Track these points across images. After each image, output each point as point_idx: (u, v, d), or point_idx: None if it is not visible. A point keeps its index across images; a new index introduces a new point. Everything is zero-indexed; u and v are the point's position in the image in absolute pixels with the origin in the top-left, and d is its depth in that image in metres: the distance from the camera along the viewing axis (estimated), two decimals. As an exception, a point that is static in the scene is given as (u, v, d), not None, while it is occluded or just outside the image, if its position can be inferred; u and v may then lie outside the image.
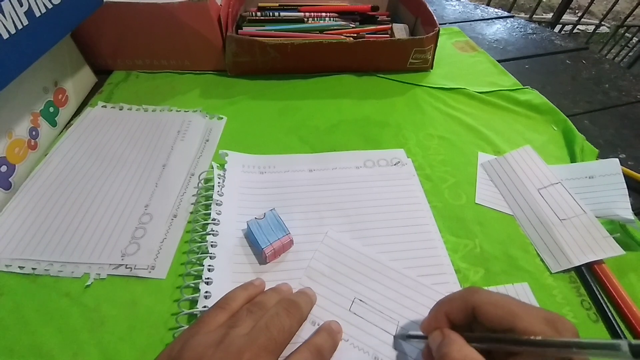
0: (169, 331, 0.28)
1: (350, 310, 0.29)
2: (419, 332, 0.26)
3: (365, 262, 0.32)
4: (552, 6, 2.38)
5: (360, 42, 0.53)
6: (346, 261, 0.32)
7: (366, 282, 0.31)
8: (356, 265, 0.32)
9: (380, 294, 0.30)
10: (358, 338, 0.28)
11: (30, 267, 0.31)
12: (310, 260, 0.32)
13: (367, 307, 0.29)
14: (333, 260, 0.32)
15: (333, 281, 0.31)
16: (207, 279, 0.30)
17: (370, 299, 0.30)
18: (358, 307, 0.29)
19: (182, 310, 0.29)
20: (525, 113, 0.52)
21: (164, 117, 0.47)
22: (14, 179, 0.37)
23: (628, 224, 0.36)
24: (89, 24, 0.44)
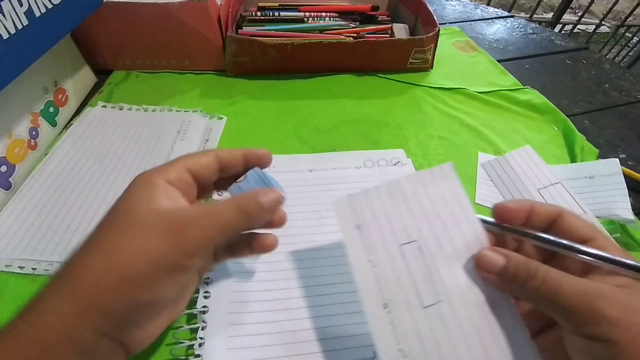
0: (168, 331, 0.28)
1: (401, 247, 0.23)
2: (490, 218, 0.23)
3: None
4: (552, 6, 2.38)
5: (360, 42, 0.53)
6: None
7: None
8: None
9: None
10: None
11: (30, 267, 0.31)
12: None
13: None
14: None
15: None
16: (206, 278, 0.30)
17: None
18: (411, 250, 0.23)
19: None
20: (525, 113, 0.52)
21: (164, 117, 0.47)
22: (14, 179, 0.37)
23: (628, 224, 0.36)
24: (89, 24, 0.44)
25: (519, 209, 0.22)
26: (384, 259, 0.23)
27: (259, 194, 0.22)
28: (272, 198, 0.23)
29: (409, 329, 0.21)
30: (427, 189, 0.24)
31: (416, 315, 0.21)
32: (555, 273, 0.19)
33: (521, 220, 0.22)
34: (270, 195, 0.23)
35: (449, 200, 0.24)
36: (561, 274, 0.19)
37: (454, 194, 0.24)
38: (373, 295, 0.22)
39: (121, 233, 0.20)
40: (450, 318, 0.21)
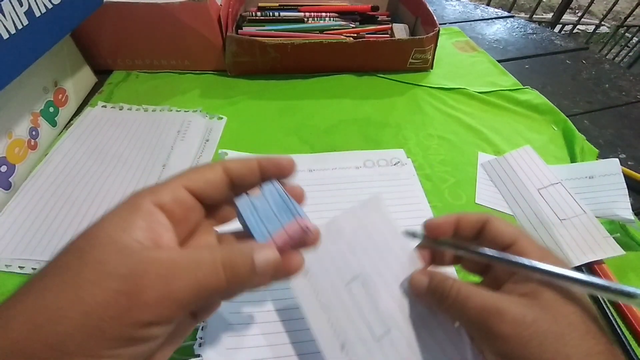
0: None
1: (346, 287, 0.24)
2: (418, 230, 0.25)
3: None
4: (552, 6, 2.38)
5: (360, 42, 0.53)
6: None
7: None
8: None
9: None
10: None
11: (30, 267, 0.31)
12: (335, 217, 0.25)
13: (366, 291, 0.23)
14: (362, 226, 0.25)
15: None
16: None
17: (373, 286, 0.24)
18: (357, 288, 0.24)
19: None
20: (525, 113, 0.52)
21: (164, 117, 0.47)
22: (14, 179, 0.37)
23: (628, 224, 0.36)
24: (89, 24, 0.44)
25: (445, 222, 0.23)
26: (334, 302, 0.23)
27: (256, 250, 0.17)
28: (271, 259, 0.17)
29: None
30: (361, 222, 0.25)
31: (372, 349, 0.22)
32: (466, 290, 0.20)
33: (449, 233, 0.23)
34: (270, 255, 0.17)
35: (382, 230, 0.25)
36: (471, 290, 0.20)
37: (385, 223, 0.25)
38: (330, 340, 0.22)
39: (65, 269, 0.15)
40: (402, 342, 0.22)
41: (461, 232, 0.23)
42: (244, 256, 0.17)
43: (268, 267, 0.17)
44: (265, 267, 0.17)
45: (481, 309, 0.19)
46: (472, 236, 0.23)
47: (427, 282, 0.22)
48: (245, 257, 0.17)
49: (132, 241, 0.15)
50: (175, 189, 0.18)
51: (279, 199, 0.20)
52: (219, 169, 0.19)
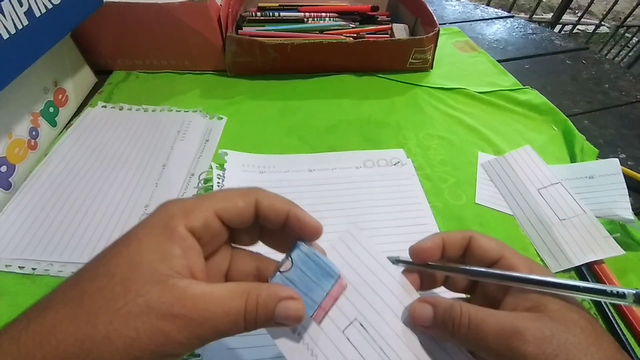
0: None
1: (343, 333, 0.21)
2: (402, 256, 0.24)
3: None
4: (552, 6, 2.38)
5: (360, 42, 0.53)
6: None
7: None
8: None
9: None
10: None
11: (30, 267, 0.31)
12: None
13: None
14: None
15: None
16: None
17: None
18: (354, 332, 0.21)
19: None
20: (525, 113, 0.52)
21: (164, 117, 0.47)
22: (14, 179, 0.37)
23: (628, 224, 0.36)
24: (89, 24, 0.44)
25: (432, 246, 0.22)
26: (333, 353, 0.20)
27: (281, 296, 0.18)
28: (293, 311, 0.18)
29: None
30: (344, 259, 0.22)
31: None
32: (478, 314, 0.19)
33: (437, 256, 0.22)
34: (293, 307, 0.18)
35: (367, 263, 0.23)
36: (483, 313, 0.19)
37: (369, 255, 0.23)
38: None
39: (111, 296, 0.15)
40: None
41: (447, 252, 0.22)
42: (267, 309, 0.17)
43: (288, 319, 0.18)
44: (285, 319, 0.18)
45: (499, 333, 0.18)
46: (459, 255, 0.23)
47: (432, 312, 0.20)
48: (269, 311, 0.17)
49: (171, 272, 0.16)
50: (207, 215, 0.18)
51: (314, 266, 0.20)
52: (252, 201, 0.19)
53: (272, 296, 0.17)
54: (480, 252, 0.22)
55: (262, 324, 0.17)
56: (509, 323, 0.18)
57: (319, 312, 0.20)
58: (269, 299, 0.17)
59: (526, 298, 0.19)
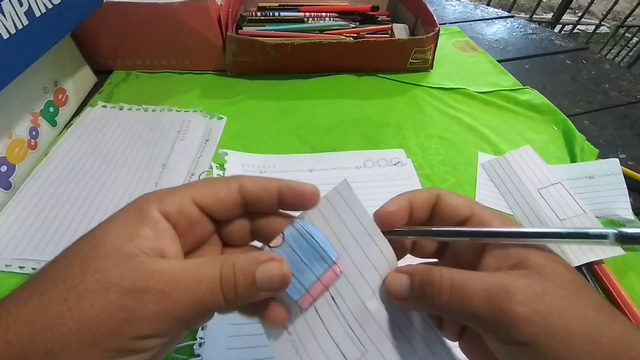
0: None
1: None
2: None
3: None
4: (552, 6, 2.38)
5: (360, 42, 0.53)
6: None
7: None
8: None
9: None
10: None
11: (30, 267, 0.32)
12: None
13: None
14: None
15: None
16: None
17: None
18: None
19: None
20: (525, 113, 0.53)
21: (164, 117, 0.47)
22: (14, 179, 0.37)
23: (628, 224, 0.36)
24: (89, 24, 0.44)
25: (398, 209, 0.20)
26: (299, 323, 0.19)
27: (260, 266, 0.16)
28: (275, 274, 0.16)
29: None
30: (329, 222, 0.20)
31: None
32: (460, 276, 0.17)
33: (404, 219, 0.20)
34: (273, 269, 0.16)
35: (353, 228, 0.20)
36: (467, 275, 0.17)
37: (357, 218, 0.20)
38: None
39: (67, 275, 0.15)
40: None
41: (415, 214, 0.20)
42: (247, 276, 0.16)
43: (272, 283, 0.16)
44: (268, 284, 0.16)
45: (487, 294, 0.16)
46: (428, 215, 0.20)
47: (408, 281, 0.18)
48: (248, 278, 0.16)
49: (137, 251, 0.15)
50: (182, 201, 0.17)
51: (307, 245, 0.18)
52: (234, 188, 0.18)
53: (251, 260, 0.16)
54: (449, 209, 0.20)
55: (244, 293, 0.16)
56: (498, 282, 0.16)
57: (306, 298, 0.18)
58: (248, 263, 0.16)
59: (507, 255, 0.18)
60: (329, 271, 0.18)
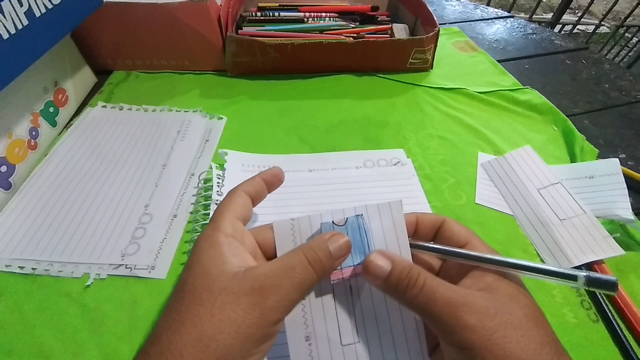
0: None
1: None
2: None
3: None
4: (552, 6, 2.38)
5: (360, 42, 0.53)
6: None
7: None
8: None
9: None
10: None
11: (30, 267, 0.31)
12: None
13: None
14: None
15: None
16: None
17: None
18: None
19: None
20: (525, 113, 0.52)
21: (164, 117, 0.47)
22: (14, 179, 0.37)
23: (628, 224, 0.36)
24: (89, 24, 0.44)
25: (407, 223, 0.23)
26: (315, 292, 0.23)
27: (328, 241, 0.21)
28: (342, 244, 0.21)
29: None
30: (371, 226, 0.23)
31: (335, 352, 0.22)
32: (433, 281, 0.20)
33: (410, 233, 0.24)
34: (340, 241, 0.21)
35: (389, 242, 0.23)
36: (439, 282, 0.20)
37: (397, 237, 0.23)
38: (296, 328, 0.22)
39: (201, 302, 0.18)
40: (364, 356, 0.22)
41: (420, 232, 0.24)
42: (324, 250, 0.20)
43: (342, 252, 0.21)
44: (340, 253, 0.21)
45: (448, 301, 0.19)
46: (430, 236, 0.24)
47: (390, 267, 0.21)
48: (325, 251, 0.20)
49: (235, 267, 0.20)
50: (231, 220, 0.22)
51: (359, 238, 0.22)
52: (244, 195, 0.24)
53: (321, 239, 0.21)
54: (450, 235, 0.23)
55: (327, 264, 0.20)
56: (461, 295, 0.19)
57: (337, 273, 0.22)
58: (321, 242, 0.21)
59: (481, 280, 0.21)
60: (364, 264, 0.22)
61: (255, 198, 0.24)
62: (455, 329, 0.18)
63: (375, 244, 0.23)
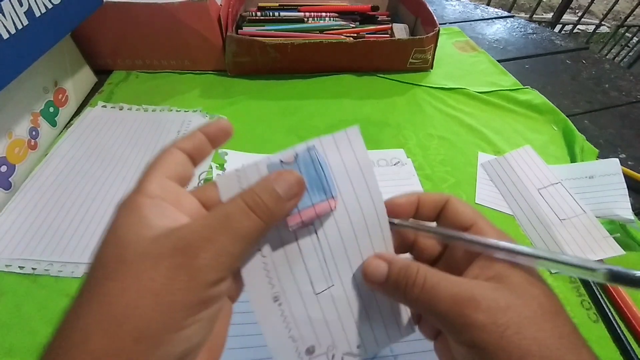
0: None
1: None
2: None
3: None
4: (552, 6, 2.38)
5: (360, 42, 0.53)
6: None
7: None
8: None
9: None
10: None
11: (30, 267, 0.31)
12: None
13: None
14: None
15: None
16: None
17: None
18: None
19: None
20: (525, 113, 0.52)
21: (164, 117, 0.47)
22: (14, 179, 0.37)
23: (628, 224, 0.36)
24: (89, 24, 0.44)
25: (406, 202, 0.22)
26: (275, 245, 0.20)
27: (275, 181, 0.18)
28: (291, 183, 0.18)
29: (300, 316, 0.20)
30: (330, 164, 0.20)
31: (308, 303, 0.20)
32: (434, 277, 0.18)
33: (409, 213, 0.22)
34: (288, 179, 0.18)
35: (353, 176, 0.21)
36: (440, 277, 0.18)
37: (360, 168, 0.21)
38: (260, 288, 0.19)
39: (111, 275, 0.15)
40: (342, 299, 0.20)
41: (422, 212, 0.22)
42: (269, 192, 0.17)
43: (293, 191, 0.18)
44: (290, 192, 0.18)
45: (454, 298, 0.17)
46: (433, 217, 0.22)
47: (386, 269, 0.19)
48: (271, 193, 0.17)
49: (160, 230, 0.16)
50: (159, 180, 0.18)
51: (314, 173, 0.19)
52: (177, 152, 0.19)
53: (265, 180, 0.18)
54: (454, 215, 0.21)
55: (275, 208, 0.17)
56: (466, 289, 0.17)
57: (295, 217, 0.19)
58: (264, 184, 0.18)
59: (490, 268, 0.19)
60: (325, 202, 0.19)
61: (195, 155, 0.20)
62: (464, 328, 0.17)
63: (337, 180, 0.20)
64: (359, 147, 0.21)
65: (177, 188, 0.19)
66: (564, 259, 0.17)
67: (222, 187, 0.19)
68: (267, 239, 0.19)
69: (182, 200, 0.18)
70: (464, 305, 0.17)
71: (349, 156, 0.20)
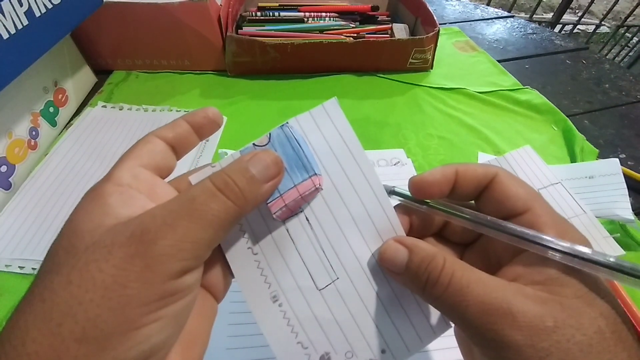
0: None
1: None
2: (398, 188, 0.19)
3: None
4: (552, 6, 2.38)
5: (360, 42, 0.53)
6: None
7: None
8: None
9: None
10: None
11: (30, 267, 0.31)
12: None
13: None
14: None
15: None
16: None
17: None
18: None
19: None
20: (525, 113, 0.52)
21: (164, 117, 0.47)
22: (14, 179, 0.37)
23: (628, 224, 0.36)
24: (89, 24, 0.44)
25: (441, 179, 0.18)
26: (267, 240, 0.18)
27: (249, 162, 0.16)
28: (267, 162, 0.16)
29: (305, 317, 0.18)
30: (312, 144, 0.18)
31: (312, 300, 0.18)
32: (463, 277, 0.15)
33: (444, 192, 0.18)
34: (263, 158, 0.16)
35: (336, 149, 0.18)
36: (470, 277, 0.15)
37: (344, 142, 0.18)
38: (257, 290, 0.18)
39: (57, 267, 0.13)
40: (350, 295, 0.18)
41: (459, 189, 0.18)
42: (241, 172, 0.15)
43: (270, 171, 0.16)
44: (267, 173, 0.16)
45: (484, 307, 0.14)
46: (473, 196, 0.18)
47: (406, 258, 0.16)
48: (244, 173, 0.15)
49: (123, 218, 0.14)
50: (131, 168, 0.16)
51: (292, 153, 0.17)
52: (156, 140, 0.17)
53: (239, 161, 0.16)
54: (503, 198, 0.17)
55: (249, 190, 0.15)
56: (502, 297, 0.14)
57: (277, 202, 0.17)
58: (236, 164, 0.16)
59: (539, 270, 0.15)
60: (308, 181, 0.17)
61: (177, 146, 0.18)
62: (493, 344, 0.14)
63: (322, 160, 0.18)
64: (339, 120, 0.18)
65: (152, 177, 0.17)
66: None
67: (195, 180, 0.17)
68: (256, 234, 0.18)
69: (157, 190, 0.16)
70: (498, 317, 0.14)
71: (330, 132, 0.18)
